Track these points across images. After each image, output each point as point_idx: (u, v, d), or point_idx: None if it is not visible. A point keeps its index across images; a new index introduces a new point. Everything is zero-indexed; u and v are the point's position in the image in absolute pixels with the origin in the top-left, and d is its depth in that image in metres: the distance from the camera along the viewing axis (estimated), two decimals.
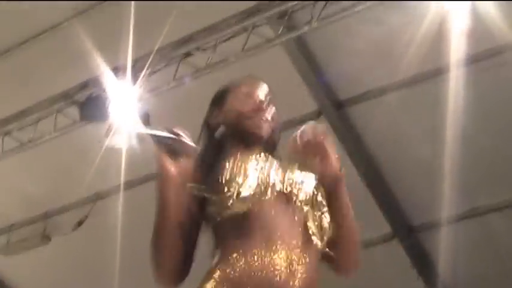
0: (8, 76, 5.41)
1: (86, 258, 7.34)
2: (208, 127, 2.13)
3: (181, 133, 1.90)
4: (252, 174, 1.92)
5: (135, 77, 4.64)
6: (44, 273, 7.46)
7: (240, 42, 4.73)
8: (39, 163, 6.09)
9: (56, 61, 5.26)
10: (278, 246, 1.84)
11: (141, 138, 4.78)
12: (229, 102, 2.11)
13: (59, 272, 7.41)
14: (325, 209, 1.98)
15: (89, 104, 4.80)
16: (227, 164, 1.94)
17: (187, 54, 4.73)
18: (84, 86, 5.07)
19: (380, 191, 6.32)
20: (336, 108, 5.97)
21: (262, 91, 2.12)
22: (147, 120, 4.66)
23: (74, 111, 5.22)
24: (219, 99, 2.15)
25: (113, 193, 6.78)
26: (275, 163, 2.02)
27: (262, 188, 1.91)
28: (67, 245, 7.21)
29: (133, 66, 4.61)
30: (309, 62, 5.38)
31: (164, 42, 4.66)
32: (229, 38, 4.72)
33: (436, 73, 5.29)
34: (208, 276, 1.87)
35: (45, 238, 7.14)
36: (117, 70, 4.72)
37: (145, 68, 4.56)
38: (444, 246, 6.44)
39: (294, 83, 5.46)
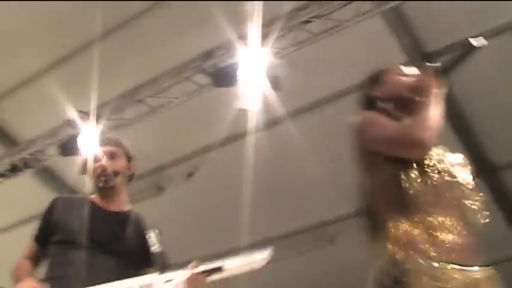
0: (136, 45, 5.96)
1: (197, 206, 8.02)
2: (374, 99, 2.63)
3: None
4: None
5: (262, 42, 5.17)
6: (158, 221, 8.14)
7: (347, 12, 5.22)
8: (154, 121, 6.65)
9: (182, 28, 5.79)
10: None
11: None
12: (390, 80, 2.62)
13: (173, 220, 8.07)
14: None
15: (221, 71, 5.37)
16: None
17: (306, 22, 5.25)
18: (210, 53, 5.62)
19: (463, 131, 6.75)
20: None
21: (411, 71, 2.62)
22: (277, 83, 5.23)
23: (202, 78, 5.79)
24: (377, 78, 2.66)
25: (219, 146, 7.44)
26: None
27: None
28: (179, 194, 7.89)
29: (261, 32, 5.13)
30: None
31: (286, 9, 5.17)
32: (339, 8, 5.21)
33: None
34: None
35: (160, 189, 7.87)
36: (244, 37, 5.25)
37: (273, 32, 5.08)
38: None
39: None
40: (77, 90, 6.09)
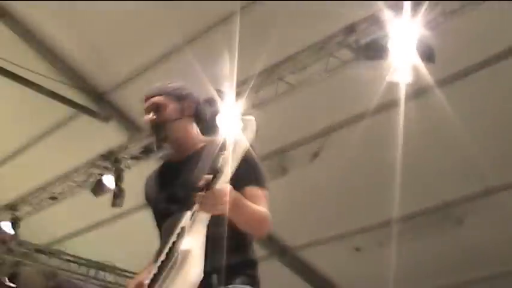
0: (277, 22, 5.90)
1: (321, 187, 7.97)
2: None
3: None
4: None
5: (414, 14, 5.01)
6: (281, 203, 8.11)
7: None
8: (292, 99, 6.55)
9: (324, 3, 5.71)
10: None
11: None
12: None
13: (295, 201, 8.05)
14: None
15: (371, 44, 5.24)
16: None
17: None
18: (354, 26, 5.50)
19: None
20: None
21: None
22: (431, 55, 5.06)
23: (345, 53, 5.68)
24: None
25: (344, 125, 7.34)
26: None
27: None
28: (303, 175, 7.85)
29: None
30: None
31: None
32: None
33: None
34: None
35: (283, 170, 7.82)
36: (396, 8, 5.10)
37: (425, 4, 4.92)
38: None
39: None
40: (213, 69, 6.06)
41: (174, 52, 6.75)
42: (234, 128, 2.60)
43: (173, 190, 2.64)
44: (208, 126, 3.10)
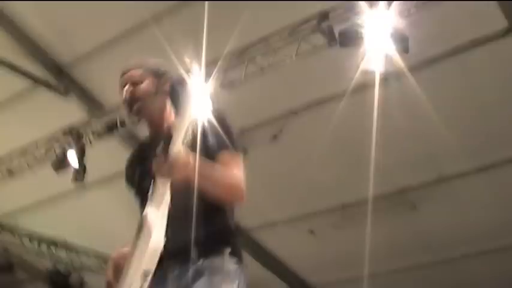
0: (250, 4, 5.88)
1: (278, 170, 8.03)
2: None
3: None
4: None
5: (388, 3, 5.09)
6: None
7: None
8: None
9: None
10: None
11: None
12: None
13: (251, 182, 8.06)
14: None
15: (345, 31, 5.29)
16: None
17: None
18: (328, 13, 5.55)
19: None
20: None
21: None
22: (406, 44, 5.15)
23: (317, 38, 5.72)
24: None
25: (305, 109, 7.41)
26: None
27: None
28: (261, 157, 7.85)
29: None
30: None
31: None
32: None
33: None
34: None
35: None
36: None
37: None
38: None
39: None
40: (181, 47, 5.99)
41: (140, 28, 6.63)
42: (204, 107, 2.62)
43: (145, 168, 2.53)
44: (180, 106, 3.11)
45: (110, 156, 6.89)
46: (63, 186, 7.87)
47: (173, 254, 2.36)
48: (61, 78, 7.44)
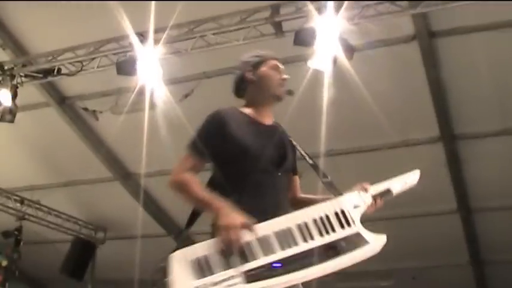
0: None
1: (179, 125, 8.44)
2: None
3: None
4: None
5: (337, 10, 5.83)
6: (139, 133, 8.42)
7: None
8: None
9: None
10: None
11: None
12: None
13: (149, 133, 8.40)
14: None
15: (301, 31, 5.95)
16: None
17: None
18: (277, 9, 6.18)
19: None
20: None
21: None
22: (351, 52, 5.93)
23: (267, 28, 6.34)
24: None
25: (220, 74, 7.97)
26: None
27: None
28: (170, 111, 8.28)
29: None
30: None
31: None
32: None
33: None
34: None
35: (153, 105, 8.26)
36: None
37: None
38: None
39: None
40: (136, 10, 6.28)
41: None
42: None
43: (277, 154, 2.90)
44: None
45: None
46: None
47: None
48: None
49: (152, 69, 6.30)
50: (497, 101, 7.81)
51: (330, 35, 5.90)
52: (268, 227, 2.59)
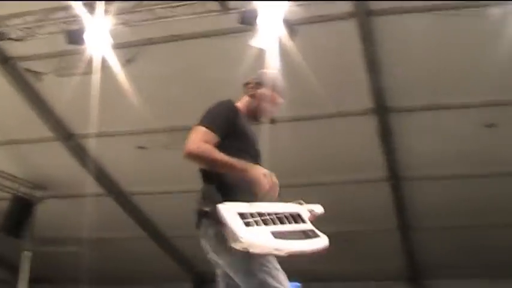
0: None
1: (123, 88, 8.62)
2: None
3: None
4: None
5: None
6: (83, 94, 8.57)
7: None
8: None
9: None
10: None
11: None
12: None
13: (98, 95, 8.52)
14: None
15: (245, 12, 6.18)
16: None
17: None
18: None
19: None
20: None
21: None
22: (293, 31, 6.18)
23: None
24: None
25: (161, 42, 8.15)
26: None
27: None
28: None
29: None
30: None
31: None
32: None
33: None
34: None
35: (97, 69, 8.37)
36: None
37: None
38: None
39: None
40: None
41: None
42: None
43: (258, 151, 3.34)
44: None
45: None
46: None
47: None
48: None
49: (100, 39, 6.41)
50: (428, 78, 8.23)
51: (272, 16, 6.08)
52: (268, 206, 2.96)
